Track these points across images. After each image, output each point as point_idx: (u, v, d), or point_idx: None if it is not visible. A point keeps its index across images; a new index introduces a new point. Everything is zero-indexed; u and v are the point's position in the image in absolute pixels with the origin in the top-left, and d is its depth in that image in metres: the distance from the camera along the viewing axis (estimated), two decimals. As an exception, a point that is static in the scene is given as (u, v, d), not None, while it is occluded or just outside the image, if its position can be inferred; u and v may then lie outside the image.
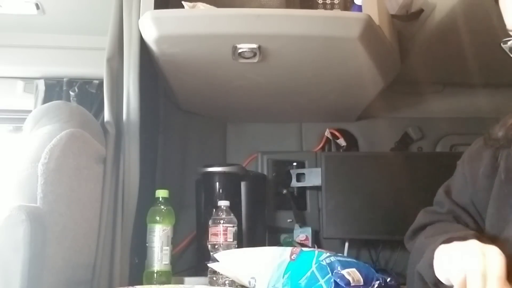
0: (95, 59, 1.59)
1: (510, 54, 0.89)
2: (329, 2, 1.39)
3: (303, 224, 1.78)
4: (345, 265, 1.03)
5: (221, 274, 1.25)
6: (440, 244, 0.81)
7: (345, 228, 1.65)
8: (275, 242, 1.78)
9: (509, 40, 0.88)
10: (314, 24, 1.25)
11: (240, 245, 1.40)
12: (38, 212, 1.09)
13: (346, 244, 1.68)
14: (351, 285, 1.00)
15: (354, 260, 1.10)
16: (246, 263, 1.13)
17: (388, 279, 1.08)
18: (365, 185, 1.66)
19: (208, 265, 1.25)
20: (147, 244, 1.37)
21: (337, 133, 1.90)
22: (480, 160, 0.96)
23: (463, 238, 0.80)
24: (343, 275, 1.00)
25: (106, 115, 1.39)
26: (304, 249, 1.12)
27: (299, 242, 1.74)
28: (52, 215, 1.12)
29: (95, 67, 1.67)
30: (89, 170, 1.26)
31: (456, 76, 1.77)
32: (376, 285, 1.04)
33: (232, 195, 1.54)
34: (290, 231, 1.78)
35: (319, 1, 1.38)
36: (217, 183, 1.58)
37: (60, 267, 1.13)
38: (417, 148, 1.90)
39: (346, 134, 1.92)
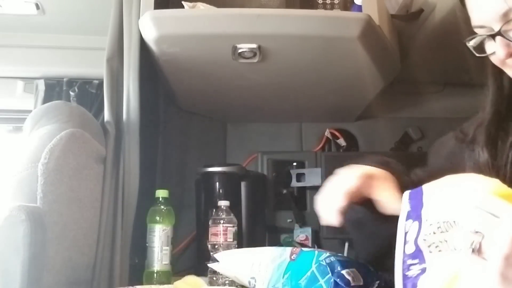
0: (95, 59, 1.59)
1: (474, 52, 0.89)
2: (329, 2, 1.38)
3: (303, 224, 1.78)
4: (345, 265, 1.03)
5: (221, 274, 1.24)
6: None
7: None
8: (275, 242, 1.78)
9: (473, 38, 0.87)
10: (314, 24, 1.25)
11: (240, 245, 1.40)
12: (38, 212, 1.09)
13: (346, 244, 1.68)
14: (351, 285, 0.99)
15: (354, 260, 1.10)
16: (246, 263, 1.13)
17: (389, 279, 1.08)
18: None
19: (208, 265, 1.25)
20: (147, 244, 1.37)
21: (337, 133, 1.90)
22: (442, 150, 1.00)
23: None
24: (343, 275, 1.00)
25: (106, 115, 1.39)
26: (304, 249, 1.11)
27: (299, 242, 1.74)
28: (52, 215, 1.12)
29: (95, 67, 1.67)
30: (89, 170, 1.26)
31: (456, 76, 1.77)
32: (376, 285, 1.04)
33: (232, 195, 1.54)
34: (290, 231, 1.78)
35: (319, 1, 1.38)
36: (217, 183, 1.58)
37: (60, 267, 1.13)
38: (417, 148, 1.90)
39: (346, 134, 1.92)
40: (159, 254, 1.35)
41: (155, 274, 1.34)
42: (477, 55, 0.89)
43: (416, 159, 1.74)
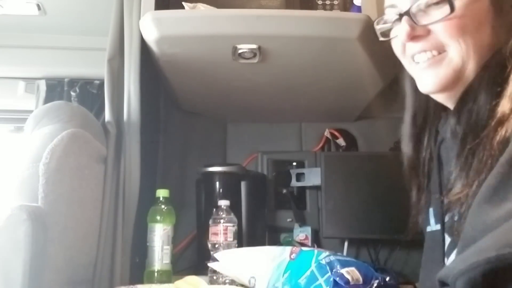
0: (96, 60, 1.60)
1: (379, 36, 0.89)
2: (329, 2, 1.39)
3: (302, 223, 1.79)
4: (344, 264, 1.04)
5: (221, 273, 1.25)
6: None
7: (345, 228, 1.65)
8: (275, 241, 1.79)
9: (382, 20, 0.87)
10: (313, 25, 1.26)
11: (240, 244, 1.40)
12: (39, 212, 1.09)
13: (346, 244, 1.68)
14: (350, 284, 1.00)
15: (353, 259, 1.11)
16: (246, 263, 1.14)
17: (387, 278, 1.08)
18: (364, 184, 1.66)
19: (208, 264, 1.26)
20: (147, 244, 1.38)
21: (336, 133, 1.91)
22: None
23: None
24: (343, 274, 1.01)
25: (107, 115, 1.40)
26: (304, 248, 1.12)
27: (299, 241, 1.74)
28: (53, 215, 1.12)
29: (96, 68, 1.68)
30: (90, 169, 1.27)
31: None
32: (375, 284, 1.05)
33: (232, 194, 1.54)
34: (290, 230, 1.79)
35: (318, 2, 1.38)
36: (217, 183, 1.58)
37: (61, 266, 1.14)
38: (416, 148, 1.90)
39: (345, 134, 1.92)
40: (160, 253, 1.36)
41: (155, 273, 1.35)
42: (380, 38, 0.89)
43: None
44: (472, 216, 0.64)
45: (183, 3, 1.27)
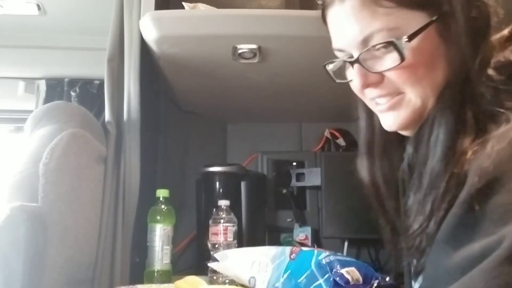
0: (96, 60, 1.60)
1: (333, 77, 0.86)
2: (329, 2, 1.39)
3: (302, 223, 1.79)
4: (344, 264, 1.04)
5: (221, 273, 1.25)
6: None
7: (345, 228, 1.65)
8: (275, 241, 1.79)
9: (332, 62, 0.85)
10: (313, 25, 1.25)
11: (240, 244, 1.40)
12: (39, 212, 1.09)
13: (346, 244, 1.68)
14: (350, 284, 1.00)
15: (353, 260, 1.10)
16: (246, 263, 1.14)
17: (387, 278, 1.08)
18: (364, 184, 1.66)
19: (208, 264, 1.26)
20: (147, 244, 1.38)
21: (336, 133, 1.91)
22: None
23: None
24: (342, 274, 1.00)
25: (107, 115, 1.39)
26: (304, 248, 1.12)
27: (299, 241, 1.74)
28: (53, 215, 1.12)
29: (96, 68, 1.68)
30: (90, 170, 1.27)
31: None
32: (375, 284, 1.05)
33: (232, 194, 1.54)
34: (290, 230, 1.79)
35: (318, 2, 1.38)
36: (217, 183, 1.58)
37: (61, 266, 1.14)
38: (416, 148, 1.90)
39: (345, 134, 1.92)
40: (160, 253, 1.36)
41: (155, 273, 1.35)
42: (337, 81, 0.86)
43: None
44: (433, 256, 0.64)
45: (183, 3, 1.27)
